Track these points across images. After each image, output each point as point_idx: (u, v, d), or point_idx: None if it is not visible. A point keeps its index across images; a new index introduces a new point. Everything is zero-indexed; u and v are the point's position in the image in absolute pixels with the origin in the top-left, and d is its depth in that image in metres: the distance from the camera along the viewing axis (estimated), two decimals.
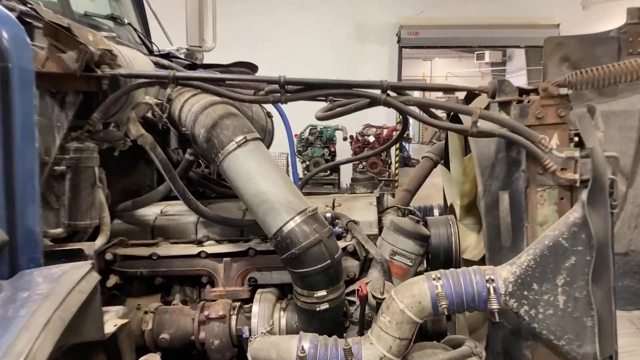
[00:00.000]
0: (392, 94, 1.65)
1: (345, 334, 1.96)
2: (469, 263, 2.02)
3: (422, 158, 2.76)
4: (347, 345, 1.57)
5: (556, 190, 1.55)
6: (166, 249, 2.09)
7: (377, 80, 1.59)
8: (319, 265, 1.74)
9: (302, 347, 1.58)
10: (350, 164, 12.73)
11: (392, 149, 12.87)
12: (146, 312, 1.93)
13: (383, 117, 12.83)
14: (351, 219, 2.07)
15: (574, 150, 1.49)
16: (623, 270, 2.37)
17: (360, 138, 12.44)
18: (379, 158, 12.27)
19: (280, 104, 1.67)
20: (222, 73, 2.44)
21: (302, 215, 1.76)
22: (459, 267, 2.08)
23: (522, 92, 1.63)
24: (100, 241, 1.66)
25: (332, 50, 12.21)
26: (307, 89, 1.65)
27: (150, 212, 2.31)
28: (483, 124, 1.59)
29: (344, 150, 12.18)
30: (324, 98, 1.69)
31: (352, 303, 1.96)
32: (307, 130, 11.27)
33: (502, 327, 1.74)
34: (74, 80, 1.53)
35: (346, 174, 12.19)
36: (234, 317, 1.89)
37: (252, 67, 2.74)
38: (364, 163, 12.32)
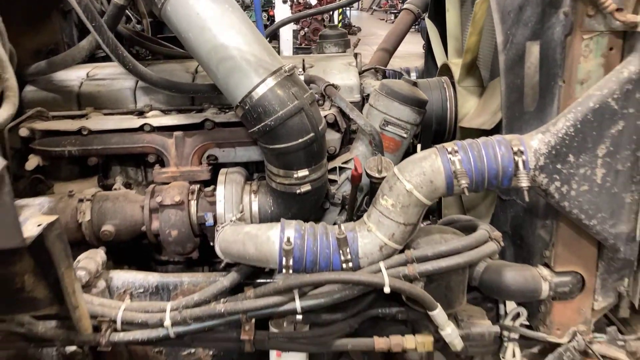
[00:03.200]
0: None
1: (322, 218, 1.69)
2: (467, 132, 1.74)
3: (402, 10, 2.34)
4: (341, 234, 1.28)
5: (606, 38, 1.23)
6: (99, 121, 1.66)
7: None
8: (300, 140, 1.39)
9: (287, 237, 1.28)
10: (291, 32, 11.96)
11: (336, 14, 12.13)
12: (82, 200, 1.54)
13: None
14: (330, 83, 1.69)
15: None
16: None
17: (301, 1, 11.56)
18: (322, 24, 11.56)
19: None
20: None
21: (277, 76, 1.37)
22: (455, 138, 1.81)
23: None
24: (6, 111, 1.21)
25: None
26: None
27: (74, 76, 1.82)
28: None
29: (284, 15, 11.30)
30: None
31: (331, 182, 1.66)
32: None
33: (512, 205, 1.51)
34: None
35: (287, 46, 11.41)
36: (193, 203, 1.55)
37: None
38: (305, 29, 11.59)
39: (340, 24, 12.00)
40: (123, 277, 1.50)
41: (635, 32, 1.19)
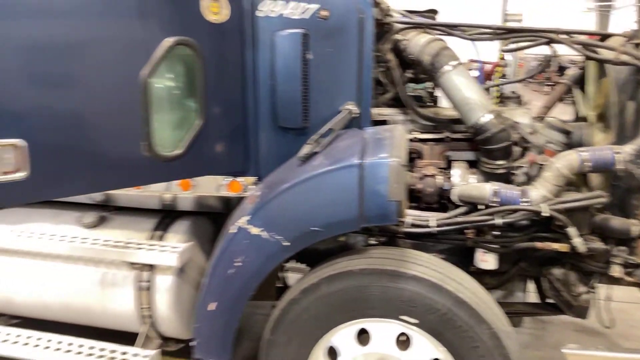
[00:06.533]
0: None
1: None
2: None
3: (560, 84, 3.69)
4: (518, 190, 2.66)
5: None
6: None
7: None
8: (502, 145, 2.80)
9: (495, 188, 2.69)
10: None
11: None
12: None
13: (485, 52, 13.28)
14: (516, 121, 3.09)
15: None
16: None
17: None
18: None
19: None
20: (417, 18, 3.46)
21: (492, 113, 2.81)
22: None
23: None
24: None
25: None
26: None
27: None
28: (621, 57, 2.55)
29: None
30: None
31: (518, 168, 3.01)
32: None
33: (619, 187, 2.76)
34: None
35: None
36: (439, 176, 3.02)
37: (434, 12, 3.74)
38: None
39: (498, 94, 13.11)
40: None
41: None
